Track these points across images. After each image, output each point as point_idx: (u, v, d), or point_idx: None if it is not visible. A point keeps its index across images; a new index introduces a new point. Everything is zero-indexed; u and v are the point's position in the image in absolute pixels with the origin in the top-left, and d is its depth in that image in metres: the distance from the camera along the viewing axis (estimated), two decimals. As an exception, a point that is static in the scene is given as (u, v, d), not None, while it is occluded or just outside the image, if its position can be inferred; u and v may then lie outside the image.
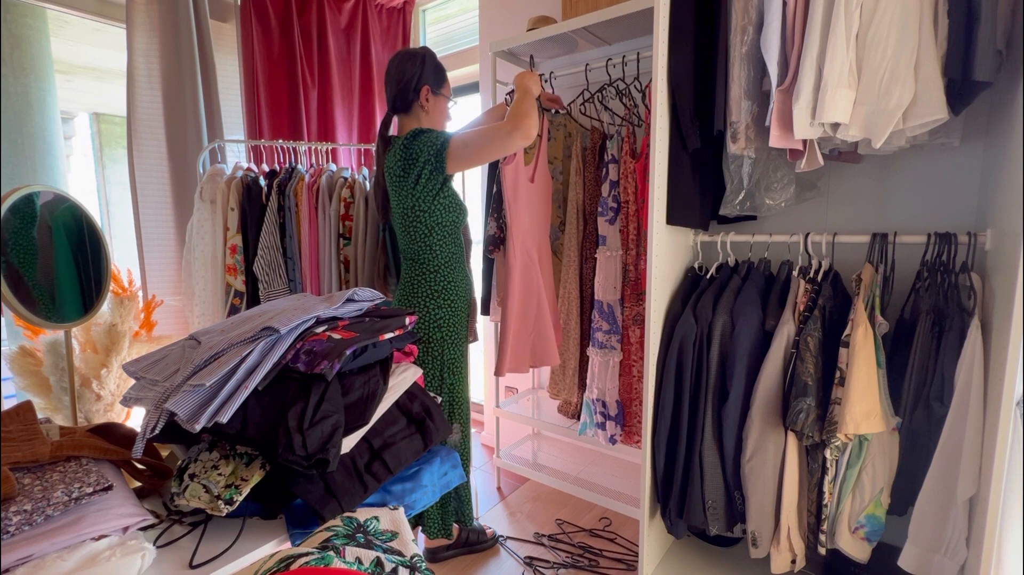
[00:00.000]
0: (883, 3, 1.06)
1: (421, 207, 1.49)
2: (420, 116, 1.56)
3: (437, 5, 2.97)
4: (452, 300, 1.56)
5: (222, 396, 0.82)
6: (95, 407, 1.96)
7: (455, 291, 1.57)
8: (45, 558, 0.69)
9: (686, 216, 1.44)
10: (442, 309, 1.54)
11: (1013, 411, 0.94)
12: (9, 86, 2.49)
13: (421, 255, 1.53)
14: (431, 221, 1.51)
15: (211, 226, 2.16)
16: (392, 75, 1.55)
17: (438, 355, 1.55)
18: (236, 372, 0.84)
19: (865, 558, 1.28)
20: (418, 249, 1.53)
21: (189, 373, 0.84)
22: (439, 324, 1.54)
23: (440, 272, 1.54)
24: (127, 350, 2.01)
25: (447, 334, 1.56)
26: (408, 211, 1.51)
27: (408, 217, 1.51)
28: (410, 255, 1.55)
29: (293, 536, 0.85)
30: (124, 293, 2.04)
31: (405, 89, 1.53)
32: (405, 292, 1.56)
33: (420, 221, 1.50)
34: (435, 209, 1.50)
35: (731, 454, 1.36)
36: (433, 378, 1.57)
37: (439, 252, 1.53)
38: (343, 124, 2.80)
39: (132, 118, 2.33)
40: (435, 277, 1.53)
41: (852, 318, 1.20)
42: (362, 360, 0.95)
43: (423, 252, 1.53)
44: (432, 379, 1.57)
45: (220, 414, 0.80)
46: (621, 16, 1.65)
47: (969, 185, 1.38)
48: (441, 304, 1.54)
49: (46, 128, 2.66)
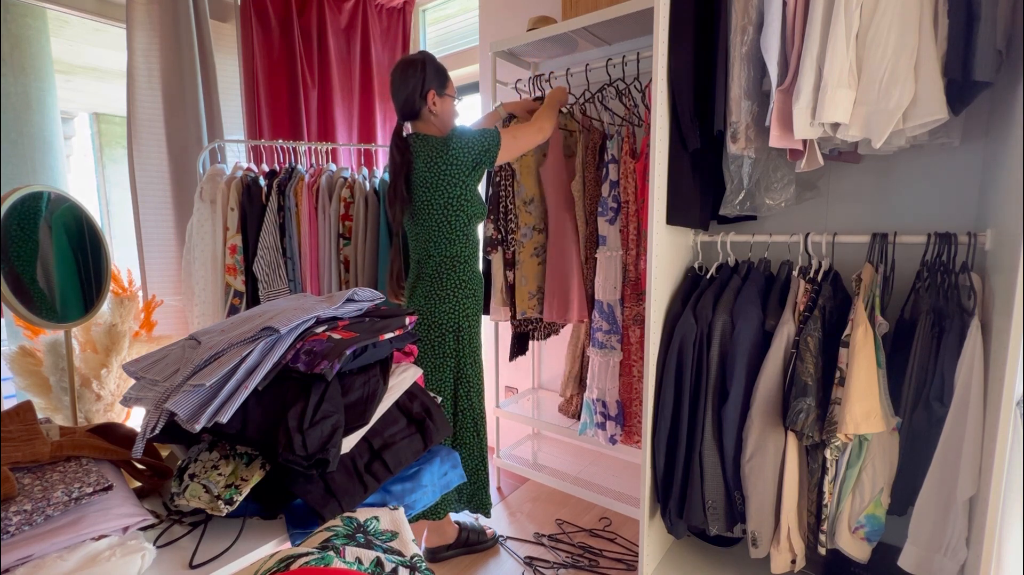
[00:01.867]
0: (883, 3, 1.06)
1: (467, 196, 1.58)
2: (431, 120, 1.61)
3: (437, 5, 2.97)
4: (475, 290, 1.66)
5: (222, 396, 0.82)
6: (95, 407, 1.96)
7: (478, 282, 1.67)
8: (45, 558, 0.69)
9: (686, 216, 1.44)
10: (469, 299, 1.63)
11: (1013, 411, 0.94)
12: (9, 86, 2.49)
13: (454, 247, 1.60)
14: (471, 211, 1.60)
15: (211, 226, 2.16)
16: (396, 86, 1.60)
17: (466, 343, 1.64)
18: (236, 372, 0.84)
19: (865, 558, 1.28)
20: (453, 239, 1.60)
21: (189, 373, 0.84)
22: (467, 314, 1.63)
23: (468, 263, 1.63)
24: (127, 350, 2.01)
25: (473, 323, 1.66)
26: (453, 201, 1.57)
27: (451, 208, 1.58)
28: (439, 249, 1.61)
29: (293, 536, 0.85)
30: (124, 293, 2.04)
31: (411, 97, 1.58)
32: (431, 286, 1.61)
33: (463, 211, 1.58)
34: (475, 200, 1.61)
35: (731, 454, 1.36)
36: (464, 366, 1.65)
37: (469, 243, 1.63)
38: (343, 124, 2.80)
39: (132, 118, 2.33)
40: (464, 267, 1.62)
41: (852, 318, 1.20)
42: (362, 360, 0.95)
43: (457, 243, 1.60)
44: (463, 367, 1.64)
45: (220, 414, 0.80)
46: (621, 16, 1.65)
47: (969, 185, 1.38)
48: (468, 294, 1.63)
49: (46, 128, 2.65)
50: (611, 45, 2.00)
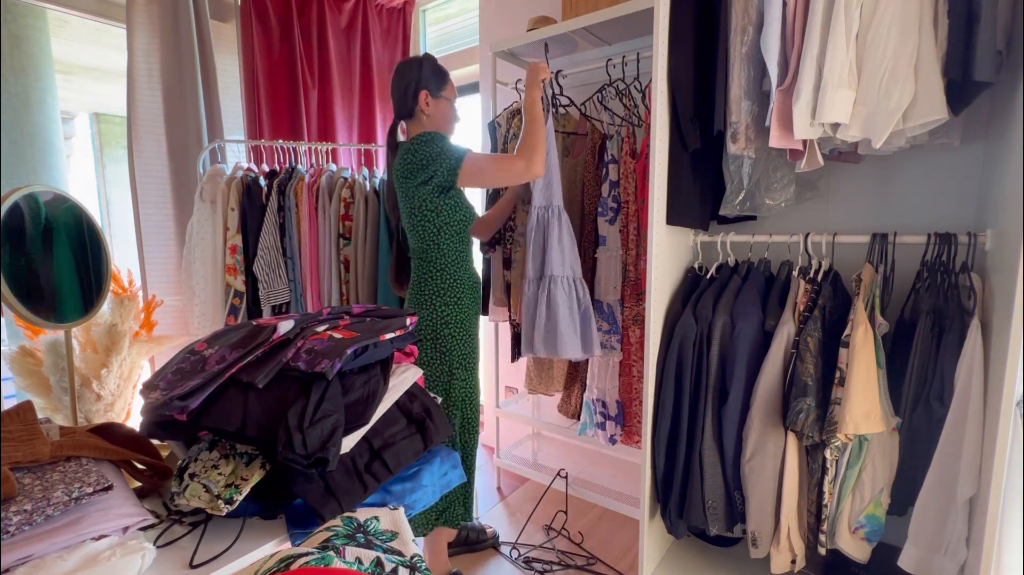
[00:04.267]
0: (883, 3, 1.06)
1: (428, 207, 1.52)
2: (423, 120, 1.60)
3: (437, 5, 2.97)
4: (459, 297, 1.59)
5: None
6: (95, 407, 1.96)
7: (462, 289, 1.59)
8: (45, 558, 0.69)
9: (686, 216, 1.44)
10: (449, 307, 1.57)
11: (1013, 411, 0.94)
12: (9, 86, 2.49)
13: (429, 254, 1.56)
14: (439, 221, 1.54)
15: (211, 226, 2.16)
16: (394, 83, 1.60)
17: (447, 351, 1.58)
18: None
19: (865, 558, 1.28)
20: (427, 248, 1.56)
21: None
22: (446, 321, 1.57)
23: (447, 270, 1.57)
24: (127, 350, 2.01)
25: (455, 331, 1.58)
26: (415, 211, 1.53)
27: (415, 217, 1.54)
28: (419, 254, 1.58)
29: (293, 536, 0.85)
30: (124, 293, 2.04)
31: (404, 96, 1.57)
32: (415, 291, 1.59)
33: (428, 220, 1.53)
34: (442, 209, 1.53)
35: (731, 454, 1.36)
36: (442, 374, 1.58)
37: (447, 251, 1.56)
38: (343, 124, 2.80)
39: (132, 118, 2.33)
40: (442, 275, 1.56)
41: (852, 318, 1.20)
42: (363, 360, 0.95)
43: (431, 251, 1.56)
44: (441, 375, 1.58)
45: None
46: (621, 16, 1.65)
47: (969, 185, 1.38)
48: (448, 302, 1.57)
49: (46, 128, 2.66)
50: (611, 45, 2.00)
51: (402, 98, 1.57)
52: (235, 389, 0.88)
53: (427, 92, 1.56)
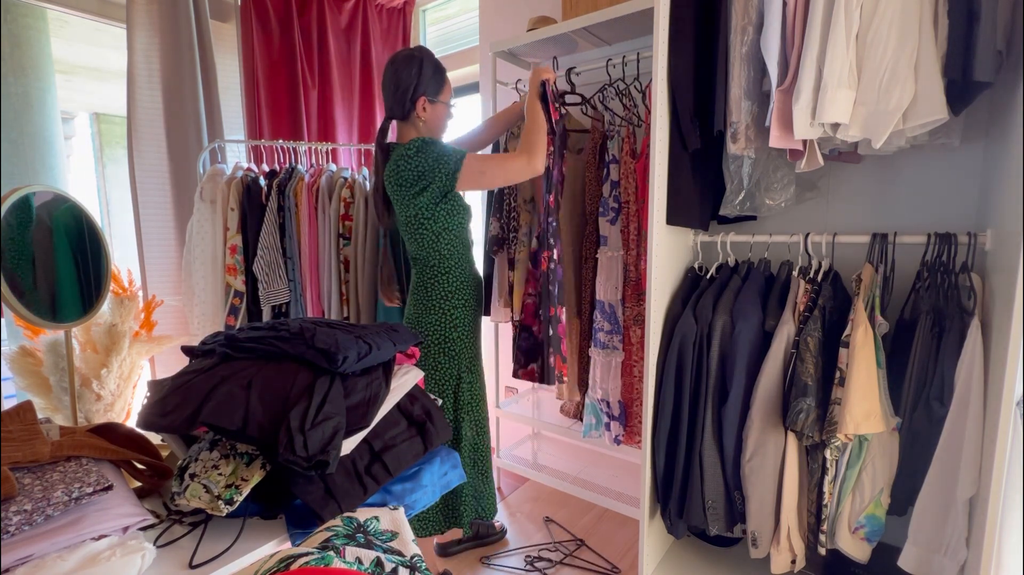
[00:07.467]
0: (883, 3, 1.06)
1: (425, 215, 1.49)
2: (418, 125, 1.54)
3: (437, 5, 2.97)
4: (466, 299, 1.59)
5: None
6: (95, 407, 1.96)
7: (467, 290, 1.60)
8: (45, 558, 0.69)
9: (686, 216, 1.44)
10: (457, 309, 1.57)
11: (1013, 411, 0.94)
12: (9, 86, 2.48)
13: (431, 259, 1.55)
14: (437, 227, 1.51)
15: (211, 226, 2.16)
16: (388, 81, 1.51)
17: (456, 354, 1.58)
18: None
19: (865, 558, 1.28)
20: (427, 254, 1.55)
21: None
22: (455, 324, 1.57)
23: (452, 273, 1.56)
24: (127, 350, 2.01)
25: (463, 333, 1.58)
26: (412, 219, 1.51)
27: (413, 224, 1.52)
28: (420, 259, 1.57)
29: (293, 536, 0.85)
30: (124, 293, 2.04)
31: (402, 98, 1.50)
32: (418, 296, 1.57)
33: (426, 228, 1.51)
34: (439, 215, 1.50)
35: (731, 454, 1.36)
36: (451, 377, 1.58)
37: (448, 255, 1.55)
38: (343, 124, 2.80)
39: (132, 118, 2.33)
40: (447, 278, 1.56)
41: (852, 318, 1.20)
42: (365, 362, 0.95)
43: (432, 256, 1.55)
44: (450, 379, 1.58)
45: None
46: (621, 16, 1.65)
47: (969, 185, 1.38)
48: (456, 304, 1.57)
49: (46, 128, 2.65)
50: (611, 45, 2.00)
51: (398, 100, 1.50)
52: (237, 387, 0.88)
53: (426, 98, 1.50)
